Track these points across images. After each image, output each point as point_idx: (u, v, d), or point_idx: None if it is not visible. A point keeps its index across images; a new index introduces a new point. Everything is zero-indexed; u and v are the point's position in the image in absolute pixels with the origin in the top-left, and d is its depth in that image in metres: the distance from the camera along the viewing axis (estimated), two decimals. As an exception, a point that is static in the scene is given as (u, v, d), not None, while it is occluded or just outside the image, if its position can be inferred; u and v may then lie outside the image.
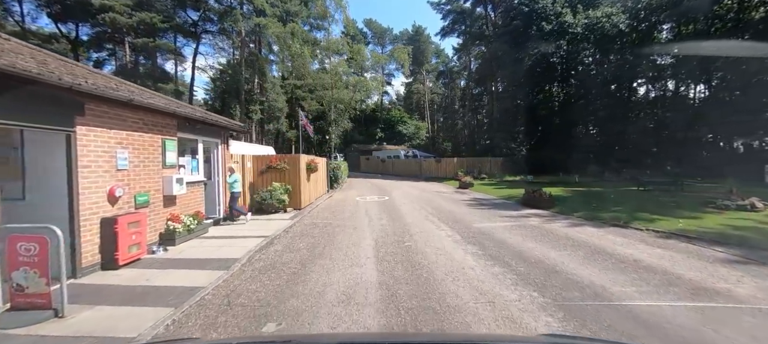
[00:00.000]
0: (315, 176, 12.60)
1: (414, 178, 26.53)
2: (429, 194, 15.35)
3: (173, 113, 6.01)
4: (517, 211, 10.11)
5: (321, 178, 14.75)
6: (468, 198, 13.75)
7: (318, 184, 13.83)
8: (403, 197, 14.12)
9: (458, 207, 11.14)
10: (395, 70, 55.95)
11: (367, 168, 38.84)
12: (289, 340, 1.97)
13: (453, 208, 10.78)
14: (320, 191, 14.38)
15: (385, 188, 18.56)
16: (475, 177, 22.36)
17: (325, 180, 16.12)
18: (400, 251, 5.66)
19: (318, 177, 13.71)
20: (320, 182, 14.44)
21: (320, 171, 14.36)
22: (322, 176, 15.25)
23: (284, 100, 28.54)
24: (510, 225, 7.94)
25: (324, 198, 14.19)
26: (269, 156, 10.16)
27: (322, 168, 14.87)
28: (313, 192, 12.43)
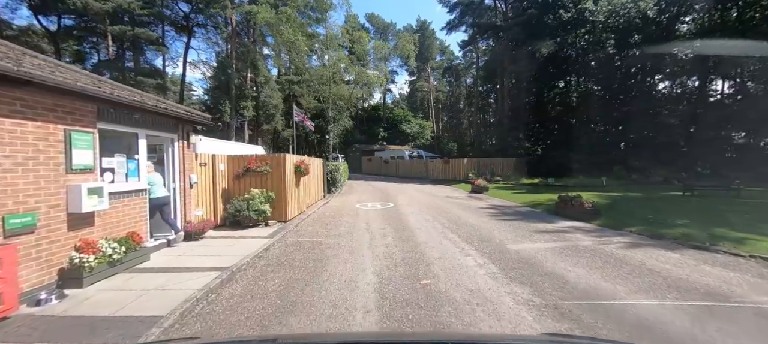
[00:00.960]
0: (306, 180, 10.78)
1: (419, 181, 24.68)
2: (439, 200, 13.49)
3: (88, 95, 4.20)
4: (553, 224, 8.23)
5: (315, 182, 12.95)
6: (486, 205, 11.87)
7: (311, 189, 12.03)
8: (410, 204, 12.28)
9: (479, 217, 9.27)
10: (399, 67, 54.17)
11: (369, 169, 37.04)
12: (288, 340, 2.01)
13: (473, 219, 8.91)
14: (314, 197, 12.58)
15: (389, 192, 16.74)
16: (488, 179, 20.46)
17: (321, 183, 14.32)
18: (415, 298, 3.81)
19: (311, 180, 11.91)
20: (314, 186, 12.64)
21: (314, 173, 12.56)
22: (317, 179, 13.46)
23: (280, 96, 26.79)
24: (556, 246, 6.07)
25: (318, 205, 12.38)
26: (248, 156, 8.36)
27: (316, 170, 13.07)
28: (304, 199, 10.62)
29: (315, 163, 12.76)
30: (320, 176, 14.26)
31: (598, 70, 24.64)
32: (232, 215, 7.65)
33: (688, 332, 2.95)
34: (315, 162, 12.82)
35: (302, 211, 10.19)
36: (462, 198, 13.97)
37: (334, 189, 16.79)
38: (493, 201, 13.05)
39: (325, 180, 14.99)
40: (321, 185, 14.29)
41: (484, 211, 10.38)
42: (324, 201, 13.33)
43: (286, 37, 19.26)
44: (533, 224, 8.22)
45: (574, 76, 26.03)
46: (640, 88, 23.17)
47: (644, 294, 3.82)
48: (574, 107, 25.40)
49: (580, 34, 22.91)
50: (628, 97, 23.59)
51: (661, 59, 21.48)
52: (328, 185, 16.48)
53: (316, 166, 13.10)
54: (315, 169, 12.84)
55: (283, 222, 8.38)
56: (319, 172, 14.06)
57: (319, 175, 13.90)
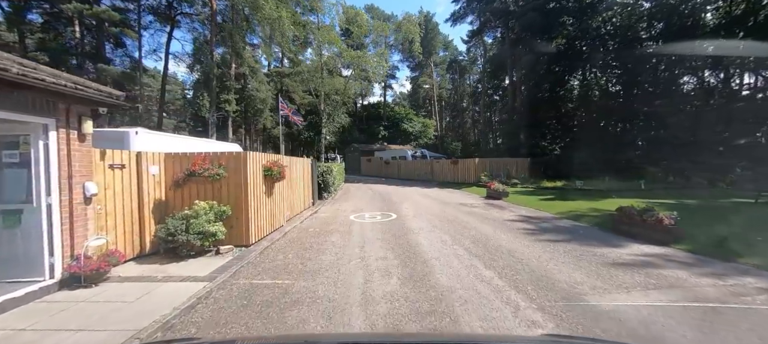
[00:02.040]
0: (284, 186, 8.46)
1: (424, 184, 22.35)
2: (453, 209, 11.15)
3: None
4: (625, 249, 5.89)
5: (300, 187, 10.63)
6: (514, 216, 9.52)
7: (293, 197, 9.71)
8: (418, 214, 9.95)
9: (514, 237, 6.92)
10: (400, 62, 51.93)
11: (368, 170, 34.72)
12: (289, 340, 2.01)
13: (508, 241, 6.57)
14: (298, 206, 10.25)
15: (391, 198, 14.41)
16: (503, 182, 18.13)
17: (308, 188, 12.00)
18: None
19: (292, 186, 9.58)
20: (298, 193, 10.31)
21: (297, 176, 10.24)
22: (303, 184, 11.13)
23: (269, 90, 24.47)
24: (669, 302, 3.72)
25: (303, 217, 10.05)
26: (194, 155, 6.02)
27: (301, 172, 10.74)
28: (281, 211, 8.29)
29: (298, 164, 10.44)
30: (308, 180, 11.94)
31: (622, 61, 22.30)
32: (163, 241, 5.31)
33: None
34: (298, 163, 10.50)
35: (277, 227, 7.85)
36: (479, 207, 11.63)
37: (326, 194, 14.47)
38: (518, 210, 10.71)
39: (314, 184, 12.67)
40: (308, 190, 11.97)
41: (517, 227, 8.03)
42: (311, 211, 10.99)
43: (267, 12, 16.90)
44: (596, 249, 5.88)
45: (595, 69, 23.70)
46: (667, 82, 20.84)
47: None
48: (594, 102, 23.09)
49: (606, 17, 20.57)
50: (656, 90, 21.26)
51: (696, 49, 19.19)
52: (319, 190, 14.17)
53: (301, 168, 10.78)
54: (299, 171, 10.53)
55: (244, 248, 6.05)
56: (307, 174, 11.74)
57: (305, 179, 11.58)
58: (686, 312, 3.43)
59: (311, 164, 12.46)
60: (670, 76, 20.92)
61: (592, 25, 21.01)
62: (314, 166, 13.11)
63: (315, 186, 13.09)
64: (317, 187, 13.92)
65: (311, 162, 12.47)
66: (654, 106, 20.76)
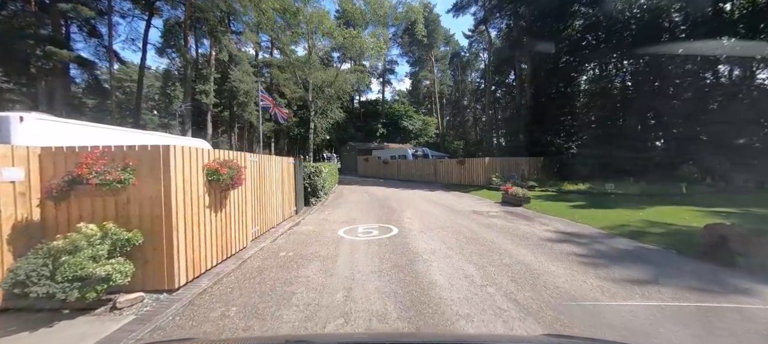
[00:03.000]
0: (244, 195, 6.37)
1: (427, 186, 20.30)
2: (467, 219, 9.09)
3: None
4: (751, 299, 3.84)
5: (275, 194, 8.54)
6: (550, 233, 7.45)
7: (265, 206, 7.63)
8: (425, 228, 7.88)
9: (572, 273, 4.83)
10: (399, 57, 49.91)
11: (365, 171, 32.63)
12: (289, 340, 2.00)
13: (567, 281, 4.47)
14: (272, 218, 8.17)
15: (390, 204, 12.34)
16: (518, 184, 16.12)
17: (290, 194, 9.90)
18: None
19: (262, 194, 7.50)
20: (272, 202, 8.23)
21: (272, 180, 8.15)
22: (283, 189, 9.04)
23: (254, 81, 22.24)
24: None
25: (278, 232, 7.97)
26: (85, 153, 3.90)
27: (278, 175, 8.65)
28: (240, 229, 6.19)
29: (274, 165, 8.35)
30: (290, 184, 9.85)
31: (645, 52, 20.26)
32: (10, 294, 3.21)
33: None
34: (274, 163, 8.40)
35: (235, 252, 5.76)
36: (499, 216, 9.56)
37: (314, 200, 12.38)
38: (550, 222, 8.64)
39: (298, 189, 10.57)
40: (290, 197, 9.87)
41: (563, 250, 5.97)
42: (292, 224, 8.90)
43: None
44: (699, 294, 3.83)
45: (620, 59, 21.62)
46: (694, 76, 18.83)
47: None
48: (615, 96, 21.07)
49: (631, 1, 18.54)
50: (683, 83, 19.26)
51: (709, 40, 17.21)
52: (306, 195, 12.09)
53: (278, 170, 8.68)
54: (275, 173, 8.43)
55: (166, 294, 3.96)
56: (288, 177, 9.65)
57: (287, 183, 9.49)
58: None
59: (294, 165, 10.37)
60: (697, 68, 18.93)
61: (613, 11, 18.97)
62: (299, 166, 11.02)
63: (299, 190, 11.00)
64: (304, 192, 11.85)
65: (294, 162, 10.37)
66: (682, 100, 18.77)
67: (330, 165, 17.01)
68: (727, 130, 16.98)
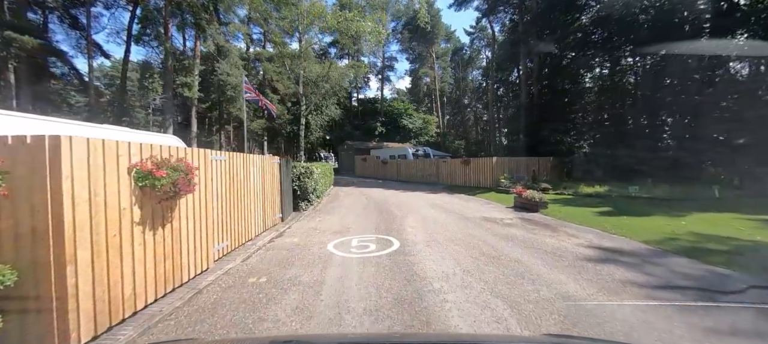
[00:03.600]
0: (202, 204, 5.07)
1: (430, 188, 19.01)
2: (480, 228, 7.80)
3: None
4: None
5: (252, 200, 7.24)
6: (586, 249, 6.15)
7: (240, 217, 6.34)
8: (433, 241, 6.58)
9: (644, 316, 3.53)
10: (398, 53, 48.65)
11: (363, 171, 31.33)
12: (289, 340, 1.99)
13: (651, 334, 3.19)
14: (249, 229, 6.88)
15: (390, 208, 11.05)
16: (529, 187, 14.87)
17: (273, 199, 8.59)
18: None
19: (234, 200, 6.19)
20: (249, 209, 6.94)
21: (249, 183, 6.83)
22: (265, 193, 7.73)
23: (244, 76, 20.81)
24: None
25: (255, 246, 6.68)
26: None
27: (255, 177, 7.32)
28: (196, 249, 4.88)
29: (252, 165, 7.02)
30: (273, 187, 8.54)
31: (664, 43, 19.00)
32: None
33: None
34: (252, 163, 7.07)
35: (186, 281, 4.44)
36: (516, 225, 8.27)
37: (304, 204, 11.07)
38: (579, 233, 7.36)
39: (284, 192, 9.25)
40: (273, 202, 8.56)
41: (611, 275, 4.68)
42: (273, 234, 7.60)
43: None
44: None
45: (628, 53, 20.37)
46: (714, 71, 17.58)
47: None
48: (628, 92, 19.85)
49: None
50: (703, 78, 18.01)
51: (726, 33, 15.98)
52: (296, 199, 10.80)
53: (256, 171, 7.37)
54: (256, 175, 7.12)
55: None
56: (270, 179, 8.34)
57: (269, 186, 8.19)
58: None
59: (280, 165, 9.05)
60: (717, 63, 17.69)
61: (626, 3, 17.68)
62: (286, 167, 9.71)
63: (287, 194, 9.69)
64: (292, 195, 10.56)
65: (280, 162, 9.05)
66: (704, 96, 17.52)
67: (323, 165, 15.70)
68: (754, 128, 15.77)
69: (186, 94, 17.13)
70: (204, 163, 4.91)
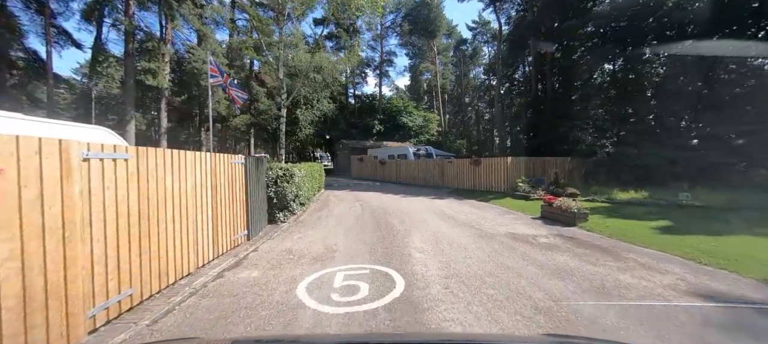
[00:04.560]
0: (58, 240, 2.88)
1: (433, 191, 16.95)
2: (512, 255, 5.72)
3: None
4: None
5: (196, 217, 5.15)
6: (689, 296, 4.06)
7: (159, 245, 4.22)
8: (453, 275, 4.49)
9: None
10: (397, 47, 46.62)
11: (360, 172, 29.23)
12: (289, 340, 1.96)
13: None
14: (181, 262, 4.78)
15: (390, 220, 8.97)
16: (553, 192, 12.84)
17: (236, 212, 6.46)
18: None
19: (148, 223, 4.06)
20: (180, 233, 4.82)
21: (180, 195, 4.70)
22: (216, 206, 5.61)
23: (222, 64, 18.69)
24: None
25: (185, 290, 4.57)
26: None
27: (202, 182, 5.18)
28: (42, 329, 2.72)
29: (182, 166, 4.85)
30: (232, 196, 6.43)
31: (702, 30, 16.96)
32: None
33: None
34: (183, 163, 4.90)
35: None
36: (560, 248, 6.21)
37: (282, 216, 8.96)
38: (658, 262, 5.30)
39: (249, 202, 7.13)
40: (234, 216, 6.44)
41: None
42: (228, 264, 5.49)
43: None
44: None
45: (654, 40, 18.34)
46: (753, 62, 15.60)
47: None
48: (659, 84, 17.85)
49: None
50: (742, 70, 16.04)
51: None
52: (272, 209, 8.70)
53: (204, 174, 5.25)
54: (194, 180, 4.98)
55: None
56: (230, 186, 6.24)
57: (225, 195, 6.08)
58: None
59: (246, 166, 6.93)
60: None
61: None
62: (256, 169, 7.60)
63: (257, 204, 7.59)
64: (266, 204, 8.46)
65: (245, 162, 6.93)
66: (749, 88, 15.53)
67: (311, 165, 13.59)
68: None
69: (149, 82, 14.94)
70: (64, 165, 2.82)
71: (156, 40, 15.61)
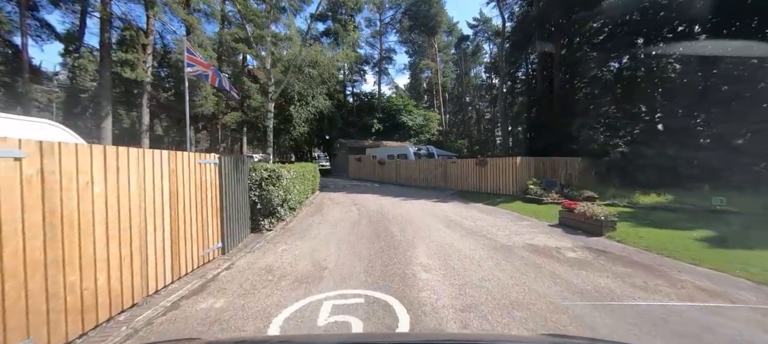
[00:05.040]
0: None
1: (436, 194, 15.95)
2: (538, 276, 4.69)
3: None
4: None
5: (149, 229, 4.10)
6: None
7: (90, 273, 3.14)
8: (472, 306, 3.45)
9: None
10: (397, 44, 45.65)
11: (358, 173, 28.20)
12: (288, 340, 1.98)
13: None
14: (134, 289, 3.73)
15: (390, 227, 7.95)
16: (568, 195, 11.89)
17: (209, 221, 5.43)
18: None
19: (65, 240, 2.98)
20: (125, 249, 3.77)
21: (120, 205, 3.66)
22: (179, 215, 4.58)
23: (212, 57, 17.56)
24: None
25: (121, 329, 3.50)
26: None
27: (165, 187, 4.13)
28: None
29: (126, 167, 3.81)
30: (203, 202, 5.41)
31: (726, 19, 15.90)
32: None
33: None
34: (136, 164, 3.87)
35: None
36: (593, 265, 5.20)
37: (267, 223, 7.94)
38: (728, 289, 4.30)
39: (225, 209, 6.09)
40: (201, 229, 5.41)
41: None
42: (191, 287, 4.46)
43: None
44: None
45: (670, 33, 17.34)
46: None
47: None
48: (675, 80, 16.87)
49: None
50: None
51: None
52: (255, 215, 7.69)
53: (168, 178, 4.21)
54: (151, 185, 3.95)
55: None
56: (198, 191, 5.22)
57: (191, 203, 5.05)
58: None
59: (220, 167, 5.91)
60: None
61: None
62: (235, 170, 6.58)
63: (237, 211, 6.57)
64: (248, 211, 7.45)
65: (219, 163, 5.91)
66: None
67: (304, 165, 12.55)
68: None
69: (126, 75, 13.82)
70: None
71: (134, 28, 14.51)
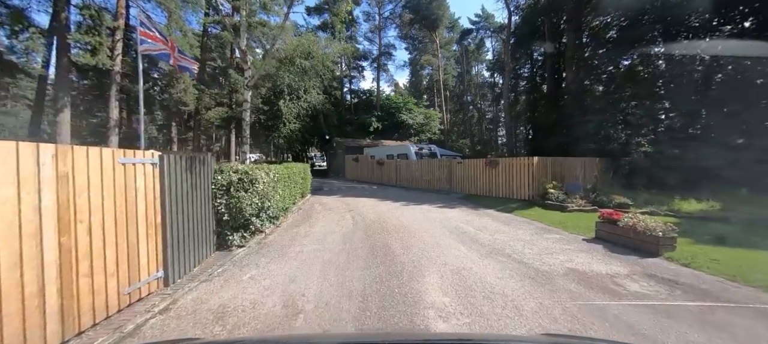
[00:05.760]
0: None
1: (441, 198, 14.46)
2: (619, 334, 3.19)
3: None
4: None
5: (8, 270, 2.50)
6: None
7: None
8: None
9: None
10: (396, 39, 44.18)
11: (355, 174, 26.69)
12: (288, 340, 1.93)
13: None
14: None
15: (390, 242, 6.44)
16: (592, 200, 10.43)
17: (146, 239, 3.87)
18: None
19: None
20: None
21: None
22: (56, 245, 3.03)
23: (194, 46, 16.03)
24: None
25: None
26: None
27: (42, 192, 2.59)
28: None
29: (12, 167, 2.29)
30: (137, 217, 3.86)
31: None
32: None
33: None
34: (17, 164, 2.35)
35: None
36: (685, 314, 3.70)
37: (237, 238, 6.41)
38: None
39: (169, 226, 4.57)
40: (140, 249, 3.86)
41: None
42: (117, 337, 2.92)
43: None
44: None
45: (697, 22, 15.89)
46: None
47: None
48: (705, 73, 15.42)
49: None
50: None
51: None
52: (223, 229, 6.19)
53: (88, 183, 2.66)
54: (11, 197, 2.44)
55: None
56: (139, 198, 3.66)
57: (118, 214, 3.51)
58: None
59: (161, 168, 4.39)
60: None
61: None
62: (188, 172, 5.06)
63: (179, 226, 5.05)
64: (211, 223, 5.93)
65: (161, 162, 4.39)
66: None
67: (289, 166, 11.00)
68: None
69: (84, 60, 12.24)
70: None
71: (95, 7, 12.92)
